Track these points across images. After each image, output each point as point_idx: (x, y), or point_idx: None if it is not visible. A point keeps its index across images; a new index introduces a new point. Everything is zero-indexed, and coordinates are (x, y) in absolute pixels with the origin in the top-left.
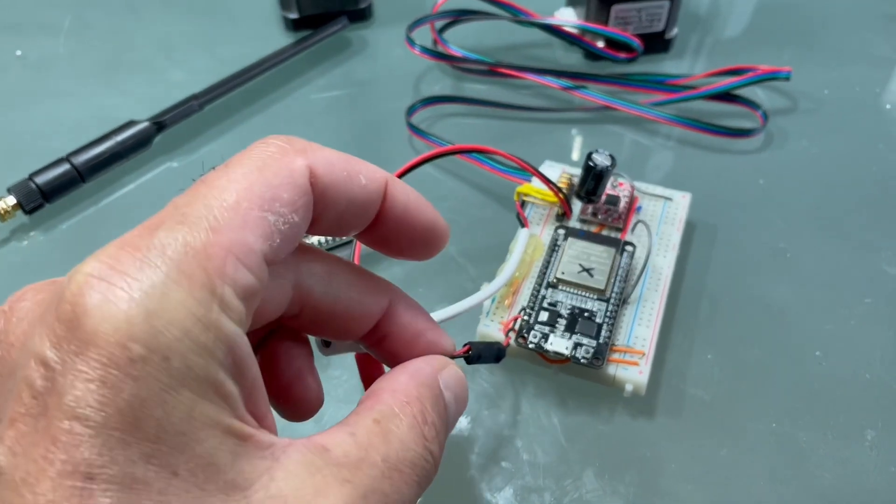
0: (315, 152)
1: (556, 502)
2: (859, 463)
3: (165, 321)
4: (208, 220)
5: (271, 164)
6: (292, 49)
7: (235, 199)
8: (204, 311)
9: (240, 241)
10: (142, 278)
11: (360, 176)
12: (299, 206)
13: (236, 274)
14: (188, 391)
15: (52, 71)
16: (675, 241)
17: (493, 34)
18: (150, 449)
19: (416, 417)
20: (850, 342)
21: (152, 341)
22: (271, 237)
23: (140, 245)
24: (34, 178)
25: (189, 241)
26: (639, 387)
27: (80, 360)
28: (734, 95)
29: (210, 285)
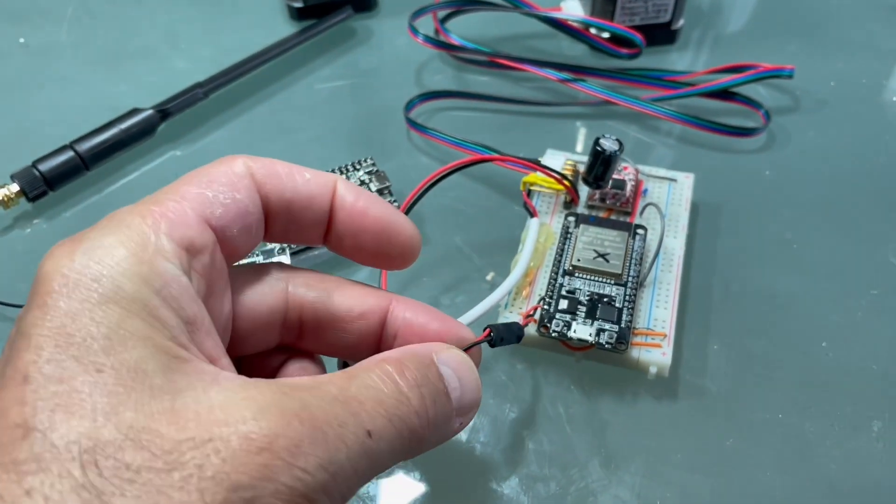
0: (257, 158)
1: (561, 491)
2: (866, 454)
3: (99, 256)
4: (151, 199)
5: (212, 164)
6: (296, 38)
7: (175, 185)
8: (137, 249)
9: (176, 208)
10: (89, 236)
11: (303, 173)
12: (240, 186)
13: (171, 228)
14: (116, 307)
15: (56, 58)
16: (684, 221)
17: (497, 25)
18: (79, 352)
19: (388, 370)
20: (857, 333)
21: (85, 270)
22: (210, 206)
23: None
24: (37, 166)
25: (132, 210)
26: (662, 368)
27: (32, 297)
28: (736, 94)
29: (144, 234)
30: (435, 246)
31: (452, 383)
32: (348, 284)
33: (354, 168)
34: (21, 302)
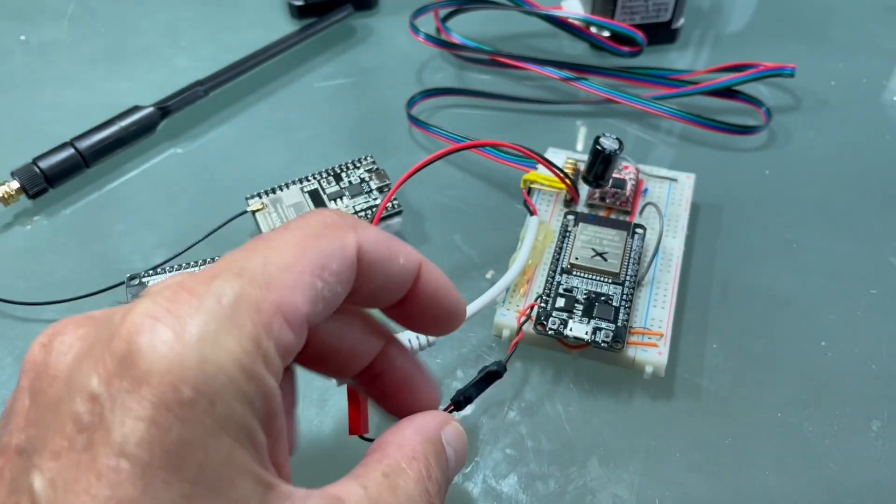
0: (363, 230)
1: (560, 489)
2: (865, 453)
3: (215, 367)
4: (264, 276)
5: (326, 234)
6: (297, 36)
7: (291, 261)
8: (249, 362)
9: (289, 301)
10: (197, 323)
11: (399, 256)
12: (345, 277)
13: (281, 332)
14: (228, 437)
15: (56, 56)
16: (684, 221)
17: (498, 24)
18: (189, 490)
19: (421, 472)
20: (856, 333)
21: (202, 385)
22: (316, 302)
23: (197, 290)
24: (38, 163)
25: (243, 293)
26: (658, 368)
27: (130, 398)
28: (738, 92)
29: (257, 338)
30: (434, 244)
31: (451, 463)
32: (359, 318)
33: (354, 166)
34: (21, 299)
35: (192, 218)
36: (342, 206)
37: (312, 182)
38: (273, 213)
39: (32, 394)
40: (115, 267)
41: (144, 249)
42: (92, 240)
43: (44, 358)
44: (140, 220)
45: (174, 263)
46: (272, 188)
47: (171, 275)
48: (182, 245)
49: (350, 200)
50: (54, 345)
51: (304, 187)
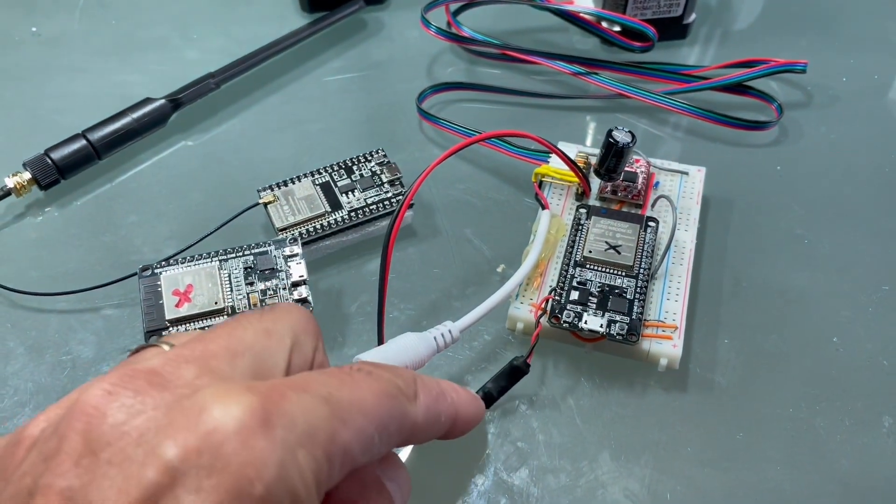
0: (422, 399)
1: (571, 483)
2: (877, 450)
3: (286, 476)
4: (346, 412)
5: (398, 396)
6: (308, 30)
7: (368, 410)
8: (311, 480)
9: (349, 445)
10: (283, 429)
11: (441, 416)
12: (394, 442)
13: (335, 465)
14: None
15: (68, 47)
16: (695, 214)
17: (509, 18)
18: None
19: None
20: (868, 329)
21: (273, 487)
22: (366, 453)
23: (288, 397)
24: (50, 154)
25: (324, 422)
26: (673, 360)
27: (206, 480)
28: (749, 87)
29: (321, 463)
30: (446, 238)
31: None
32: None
33: (366, 159)
34: (33, 289)
35: (203, 210)
36: (354, 200)
37: (324, 175)
38: (285, 205)
39: (90, 440)
40: (127, 258)
41: (156, 241)
42: (103, 231)
43: (109, 408)
44: (151, 212)
45: (186, 255)
46: (283, 181)
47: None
48: (194, 237)
49: (361, 194)
50: (121, 398)
51: (316, 180)
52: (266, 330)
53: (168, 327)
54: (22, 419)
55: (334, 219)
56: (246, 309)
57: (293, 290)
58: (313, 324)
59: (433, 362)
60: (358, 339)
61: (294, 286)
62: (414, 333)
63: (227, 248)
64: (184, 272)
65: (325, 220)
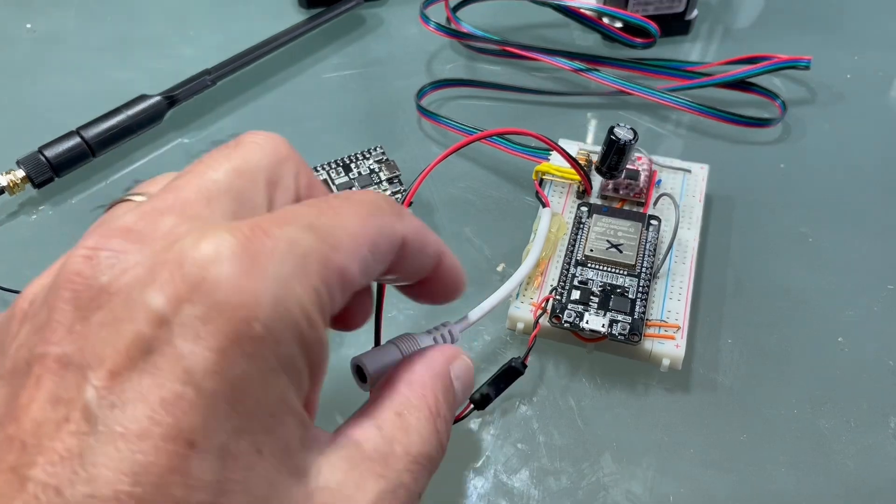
0: (408, 220)
1: (573, 485)
2: (882, 451)
3: (285, 309)
4: (333, 237)
5: (383, 216)
6: (305, 26)
7: (355, 231)
8: (313, 310)
9: (347, 266)
10: (273, 264)
11: (429, 247)
12: (387, 259)
13: (336, 291)
14: (285, 377)
15: (63, 45)
16: (698, 213)
17: (509, 14)
18: (245, 424)
19: (431, 410)
20: (873, 329)
21: (272, 324)
22: (364, 273)
23: (272, 232)
24: (43, 151)
25: (315, 246)
26: (675, 361)
27: (203, 327)
28: (752, 84)
29: (320, 291)
30: (445, 236)
31: (459, 397)
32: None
33: (364, 157)
34: None
35: None
36: None
37: (321, 173)
38: None
39: (79, 307)
40: None
41: None
42: None
43: (91, 272)
44: None
45: None
46: None
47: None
48: None
49: None
50: (101, 259)
51: None
52: (237, 169)
53: None
54: None
55: None
56: None
57: None
58: (286, 149)
59: None
60: (357, 340)
61: None
62: (413, 333)
63: None
64: None
65: None
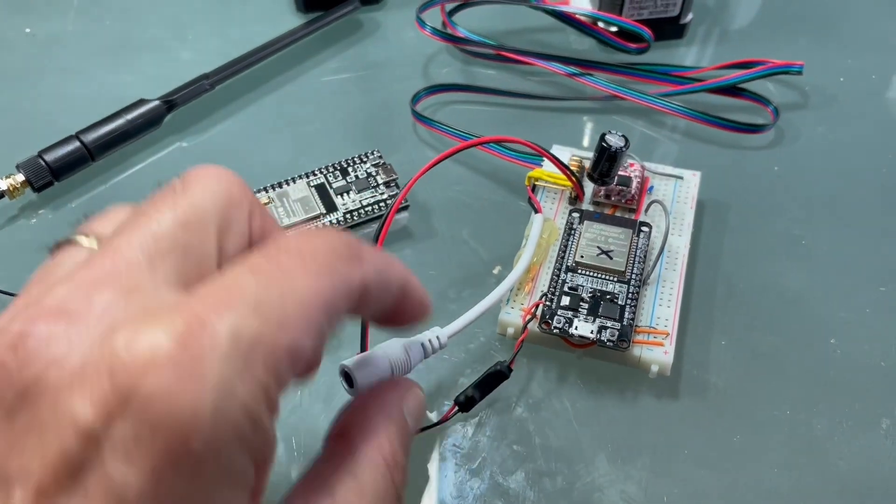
0: (368, 261)
1: (568, 486)
2: (875, 451)
3: (227, 419)
4: (280, 314)
5: (337, 268)
6: (303, 30)
7: (306, 299)
8: (257, 411)
9: (298, 343)
10: (213, 369)
11: (392, 285)
12: (345, 312)
13: (286, 375)
14: (228, 489)
15: (62, 49)
16: (689, 219)
17: (504, 19)
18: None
19: (386, 462)
20: (866, 330)
21: (211, 439)
22: (318, 339)
23: (211, 325)
24: (43, 156)
25: (260, 335)
26: (664, 367)
27: (135, 446)
28: (745, 90)
29: (267, 386)
30: (442, 239)
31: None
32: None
33: (361, 161)
34: None
35: None
36: (349, 201)
37: (319, 176)
38: (279, 207)
39: (2, 405)
40: None
41: None
42: None
43: (16, 364)
44: None
45: None
46: (278, 182)
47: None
48: None
49: (357, 195)
50: (28, 349)
51: (311, 181)
52: (184, 220)
53: None
54: None
55: (329, 220)
56: None
57: None
58: (239, 188)
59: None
60: (353, 342)
61: None
62: (401, 339)
63: None
64: None
65: (321, 222)
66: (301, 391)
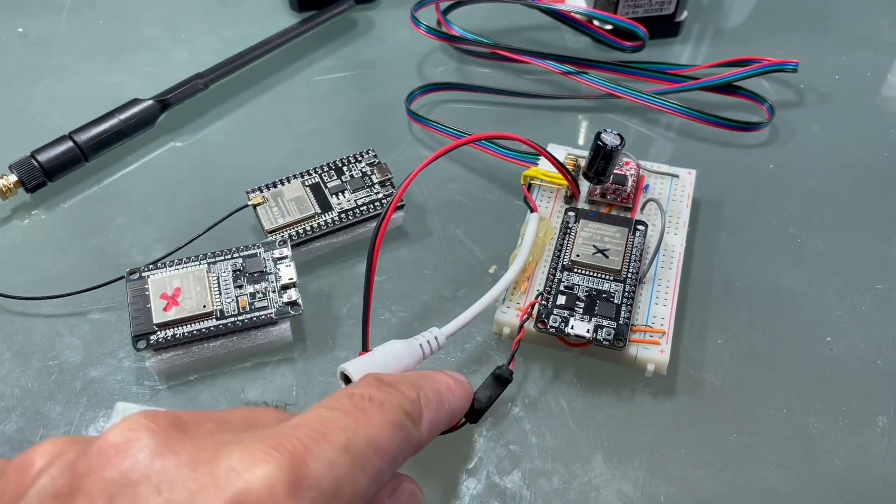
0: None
1: (564, 486)
2: (871, 450)
3: None
4: (362, 458)
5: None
6: (297, 29)
7: (382, 448)
8: None
9: (367, 489)
10: (312, 493)
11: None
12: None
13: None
14: None
15: (55, 49)
16: (685, 218)
17: (500, 17)
18: None
19: None
20: (862, 328)
21: None
22: (377, 487)
23: (313, 453)
24: (36, 156)
25: (347, 475)
26: (660, 366)
27: None
28: (740, 88)
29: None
30: (437, 238)
31: None
32: None
33: (356, 160)
34: (20, 293)
35: (192, 212)
36: (344, 201)
37: (314, 176)
38: (274, 207)
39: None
40: (115, 261)
41: (144, 243)
42: (91, 234)
43: (128, 449)
44: (139, 214)
45: (174, 258)
46: (273, 182)
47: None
48: (182, 239)
49: (352, 195)
50: (143, 440)
51: (306, 181)
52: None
53: (156, 331)
54: (8, 425)
55: (324, 220)
56: (234, 311)
57: (283, 293)
58: None
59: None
60: (349, 342)
61: (283, 289)
62: (399, 341)
63: (216, 251)
64: (172, 275)
65: (315, 222)
66: (296, 392)
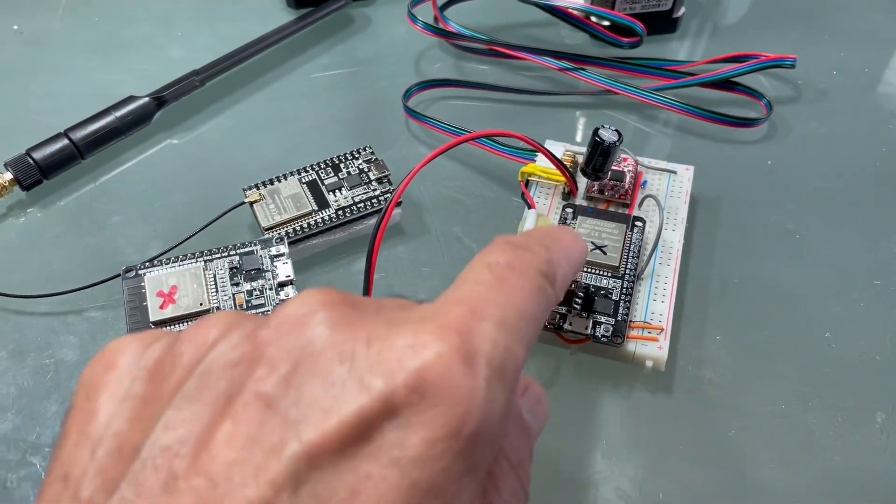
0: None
1: (563, 483)
2: (870, 446)
3: (489, 414)
4: (517, 332)
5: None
6: (294, 26)
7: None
8: (504, 416)
9: (524, 356)
10: (485, 369)
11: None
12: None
13: (515, 393)
14: (476, 482)
15: (50, 46)
16: (683, 214)
17: (497, 13)
18: None
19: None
20: (860, 324)
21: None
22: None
23: (477, 330)
24: (31, 154)
25: (510, 351)
26: (658, 362)
27: (415, 415)
28: (738, 84)
29: (509, 396)
30: (434, 236)
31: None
32: None
33: (353, 157)
34: (15, 291)
35: (188, 209)
36: (341, 198)
37: (310, 173)
38: (271, 204)
39: (288, 351)
40: (111, 259)
41: (140, 241)
42: (87, 232)
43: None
44: (136, 212)
45: (170, 255)
46: (269, 179)
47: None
48: (178, 237)
49: (349, 192)
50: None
51: (302, 178)
52: None
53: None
54: (4, 423)
55: (321, 217)
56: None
57: (280, 291)
58: None
59: None
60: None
61: (280, 286)
62: None
63: (213, 249)
64: (168, 273)
65: (312, 219)
66: None
